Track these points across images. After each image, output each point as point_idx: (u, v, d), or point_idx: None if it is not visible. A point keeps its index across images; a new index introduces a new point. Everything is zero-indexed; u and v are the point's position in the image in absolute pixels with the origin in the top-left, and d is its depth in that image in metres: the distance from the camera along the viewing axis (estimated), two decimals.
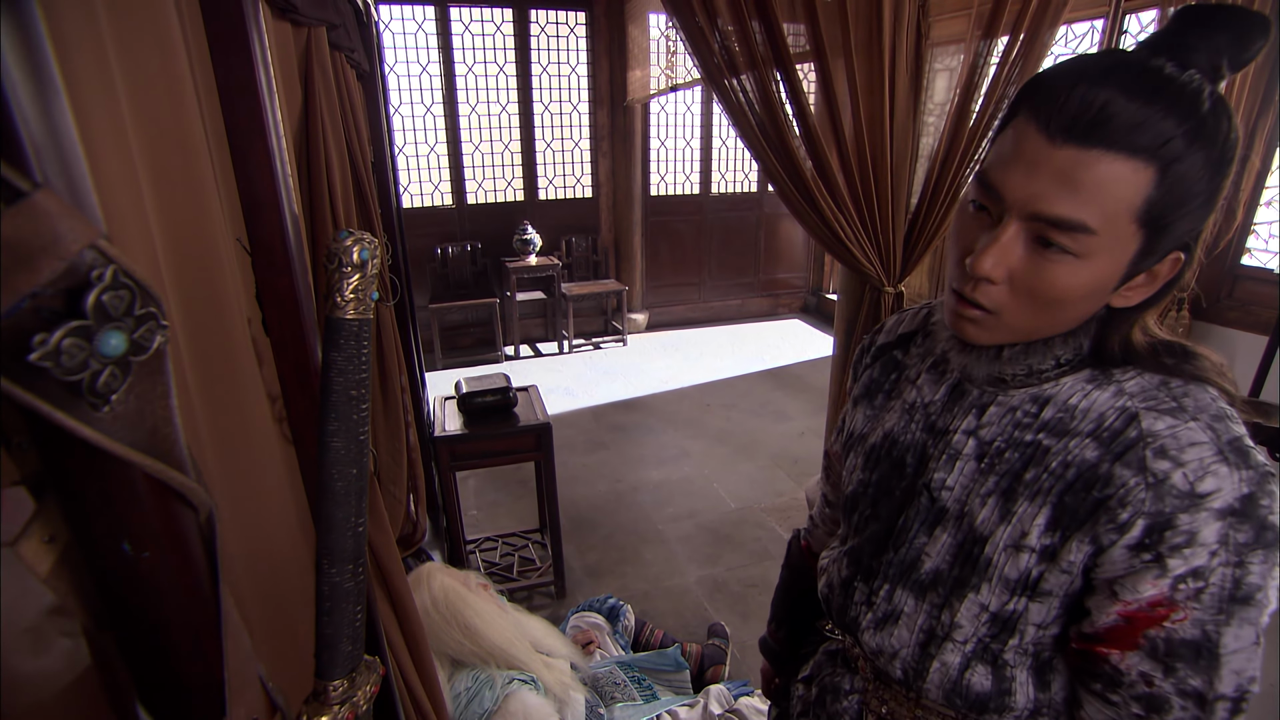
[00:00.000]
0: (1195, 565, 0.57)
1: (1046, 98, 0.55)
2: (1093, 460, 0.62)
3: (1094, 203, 0.54)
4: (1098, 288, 0.59)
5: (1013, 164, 0.57)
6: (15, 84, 0.27)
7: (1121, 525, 0.59)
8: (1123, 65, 0.53)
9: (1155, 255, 0.58)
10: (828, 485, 1.05)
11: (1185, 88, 0.52)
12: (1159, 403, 0.61)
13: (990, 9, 2.09)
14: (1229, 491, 0.56)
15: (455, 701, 1.56)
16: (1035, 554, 0.65)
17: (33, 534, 0.34)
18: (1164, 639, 0.59)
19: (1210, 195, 0.56)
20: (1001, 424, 0.69)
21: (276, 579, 0.68)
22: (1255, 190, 3.07)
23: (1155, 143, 0.52)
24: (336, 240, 0.39)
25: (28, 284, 0.26)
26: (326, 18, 1.21)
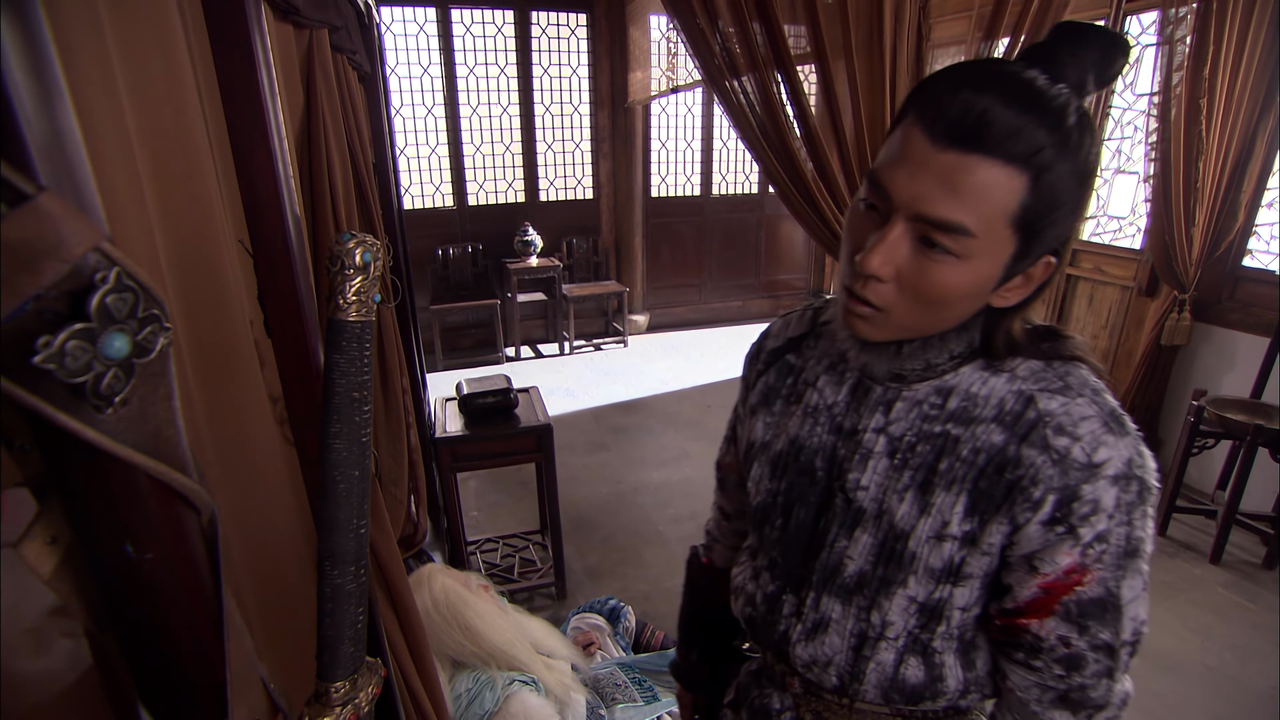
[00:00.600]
0: (1099, 530, 0.63)
1: (932, 102, 0.57)
2: (1000, 444, 0.65)
3: (973, 206, 0.56)
4: (978, 288, 0.62)
5: (899, 165, 0.59)
6: (19, 87, 0.27)
7: (1035, 503, 0.63)
8: (1002, 75, 0.56)
9: (1029, 258, 0.62)
10: (722, 498, 1.04)
11: (1055, 100, 0.55)
12: (1049, 383, 0.66)
13: (991, 11, 2.09)
14: (1118, 459, 0.62)
15: (456, 703, 1.56)
16: (957, 541, 0.68)
17: (35, 535, 0.34)
18: (1075, 602, 0.65)
19: (1076, 204, 0.60)
20: (910, 418, 0.71)
21: (278, 580, 0.68)
22: (1256, 192, 3.07)
23: (1028, 151, 0.55)
24: (339, 242, 0.39)
25: (32, 286, 0.26)
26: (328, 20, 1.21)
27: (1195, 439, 2.84)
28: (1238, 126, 2.92)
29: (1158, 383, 3.38)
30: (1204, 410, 2.78)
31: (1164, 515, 2.98)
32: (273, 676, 0.47)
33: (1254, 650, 2.33)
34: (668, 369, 5.10)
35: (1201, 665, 2.27)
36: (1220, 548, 2.78)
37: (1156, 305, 3.35)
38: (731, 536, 1.05)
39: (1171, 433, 3.40)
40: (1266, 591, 2.62)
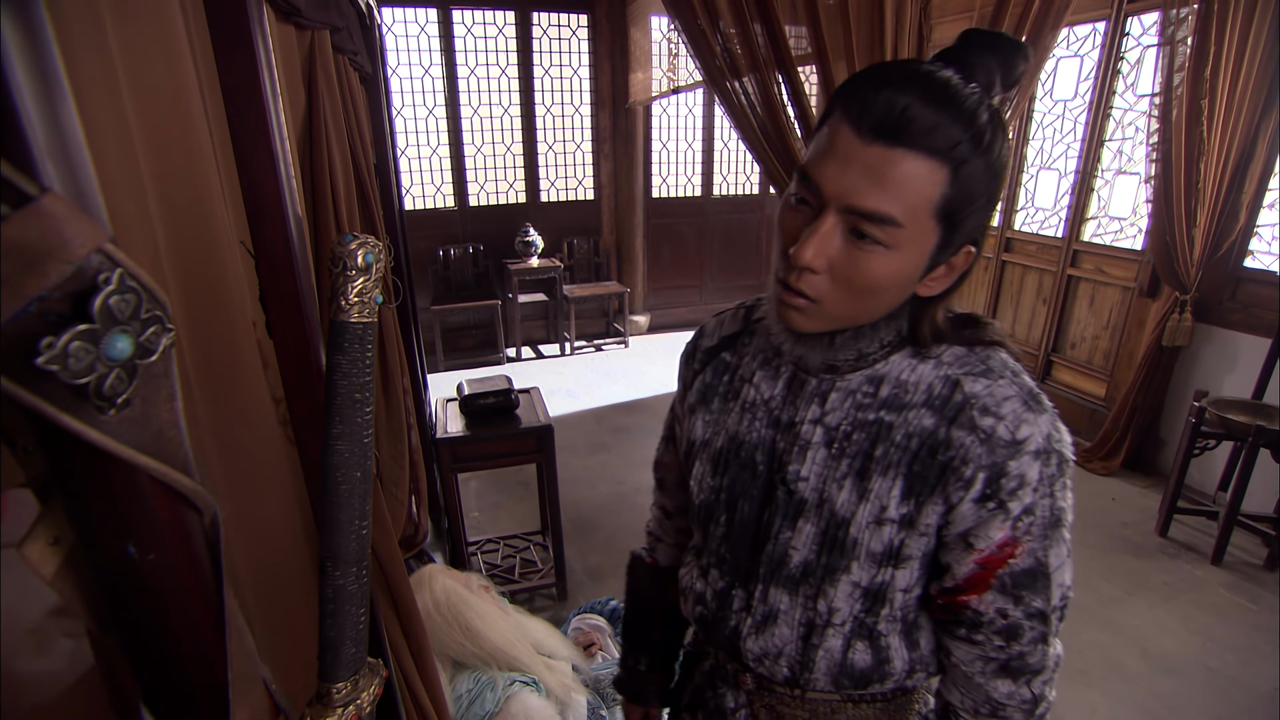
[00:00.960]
0: (1026, 503, 0.67)
1: (857, 101, 0.60)
2: (930, 427, 0.69)
3: (899, 197, 0.59)
4: (906, 277, 0.65)
5: (828, 159, 0.61)
6: (23, 88, 0.27)
7: (967, 481, 0.67)
8: (920, 75, 0.59)
9: (951, 248, 0.65)
10: (663, 497, 1.03)
11: (969, 99, 0.59)
12: (972, 367, 0.70)
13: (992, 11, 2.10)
14: (1039, 434, 0.66)
15: (457, 703, 1.56)
16: (896, 524, 0.71)
17: (38, 536, 0.34)
18: (1009, 574, 0.68)
19: (990, 197, 0.63)
20: (844, 408, 0.73)
21: (280, 581, 0.68)
22: (1258, 193, 3.07)
23: (947, 145, 0.58)
24: (341, 244, 0.39)
25: (35, 288, 0.26)
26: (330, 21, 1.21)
27: (1196, 440, 2.84)
28: (1239, 127, 2.92)
29: (1159, 384, 3.37)
30: (1205, 411, 2.78)
31: (1165, 516, 2.98)
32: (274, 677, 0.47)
33: (1255, 652, 2.33)
34: (669, 370, 5.10)
35: (1203, 667, 2.27)
36: (1222, 549, 2.78)
37: (1158, 306, 3.35)
38: (675, 534, 1.04)
39: (1173, 434, 3.39)
40: (1268, 593, 2.62)
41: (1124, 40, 3.53)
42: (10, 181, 0.25)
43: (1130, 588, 2.67)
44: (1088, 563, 2.81)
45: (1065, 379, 4.06)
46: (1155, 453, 3.52)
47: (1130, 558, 2.85)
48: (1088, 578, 2.72)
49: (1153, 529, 3.03)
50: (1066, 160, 3.96)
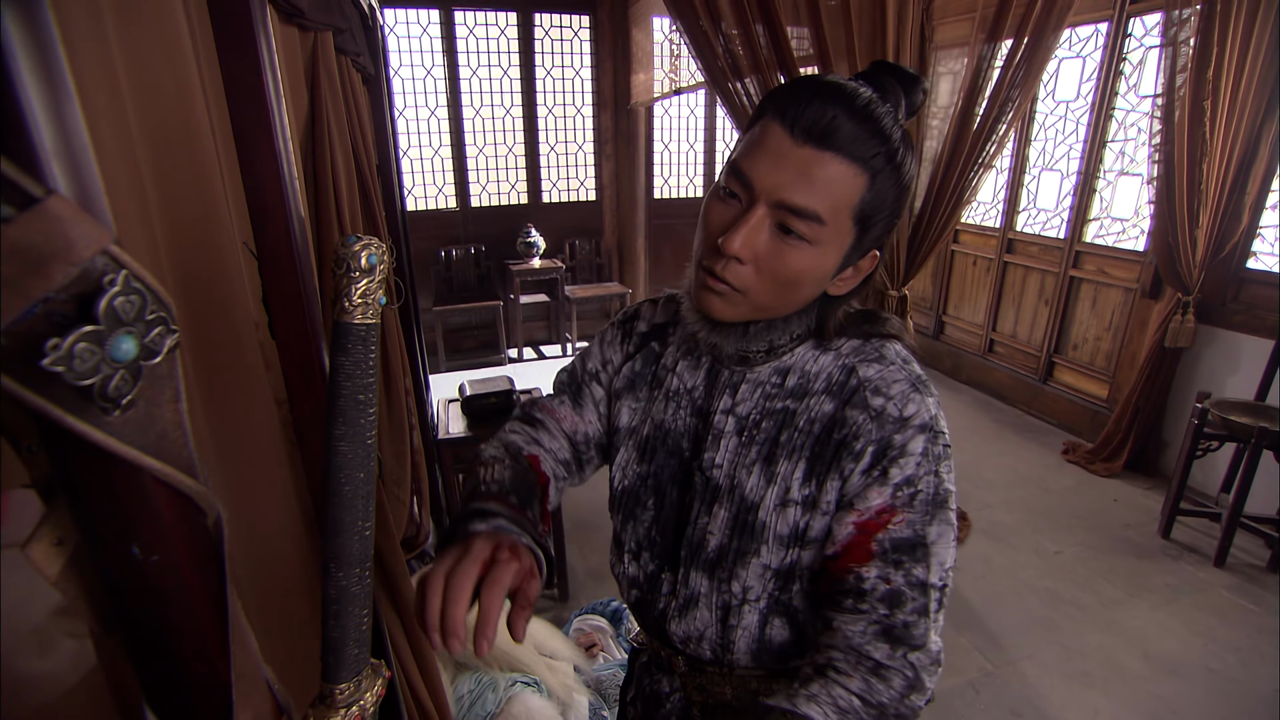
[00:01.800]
0: (908, 473, 0.70)
1: (790, 106, 0.65)
2: (830, 411, 0.74)
3: (825, 196, 0.64)
4: (823, 273, 0.70)
5: (762, 157, 0.66)
6: (28, 90, 0.27)
7: (857, 454, 0.71)
8: (848, 91, 0.65)
9: (860, 251, 0.71)
10: (531, 429, 0.91)
11: (886, 117, 0.65)
12: (866, 356, 0.76)
13: (994, 13, 2.10)
14: (924, 412, 0.71)
15: (458, 704, 1.56)
16: (799, 506, 0.74)
17: (42, 536, 0.34)
18: (889, 540, 0.70)
19: (896, 207, 0.69)
20: (754, 398, 0.78)
21: (283, 581, 0.68)
22: (1260, 194, 3.06)
23: (867, 154, 0.64)
24: (344, 245, 0.39)
25: (41, 289, 0.26)
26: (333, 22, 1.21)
27: (1199, 441, 2.84)
28: (1242, 128, 2.91)
29: (1161, 385, 3.37)
30: (1208, 413, 2.78)
31: (1168, 518, 2.97)
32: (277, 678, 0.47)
33: (1258, 653, 2.32)
34: None
35: (1205, 668, 2.26)
36: (1224, 551, 2.77)
37: (1160, 307, 3.34)
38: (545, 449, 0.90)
39: (1175, 435, 3.39)
40: (1270, 595, 2.61)
41: (1126, 41, 3.52)
42: (15, 183, 0.26)
43: (1132, 589, 2.66)
44: (1089, 564, 2.81)
45: (1067, 380, 4.06)
46: (1158, 454, 3.51)
47: (1132, 559, 2.85)
48: (1090, 579, 2.71)
49: (1155, 530, 3.02)
50: (1069, 161, 3.96)
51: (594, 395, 0.93)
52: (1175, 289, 3.22)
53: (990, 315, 4.55)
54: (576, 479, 0.95)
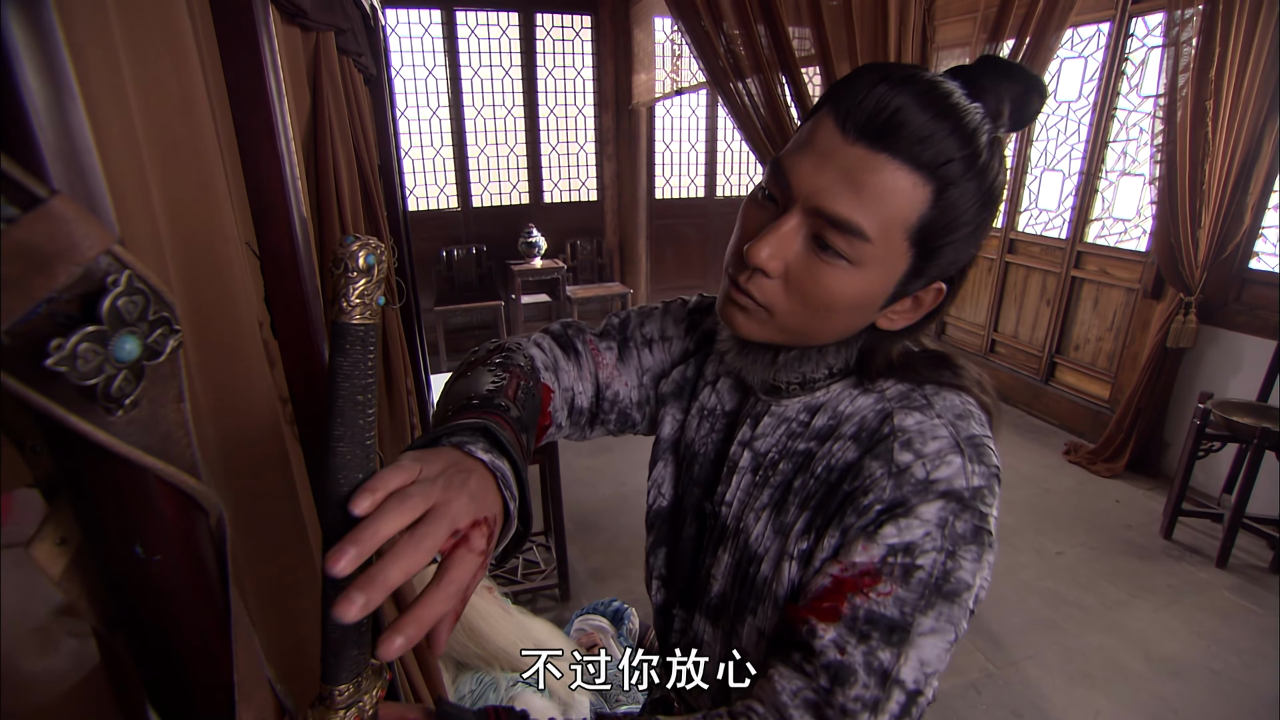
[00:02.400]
0: (908, 540, 0.56)
1: (848, 93, 0.54)
2: (851, 460, 0.61)
3: (873, 208, 0.54)
4: (866, 301, 0.58)
5: (805, 153, 0.56)
6: (33, 90, 0.27)
7: (861, 510, 0.58)
8: (920, 79, 0.54)
9: (922, 279, 0.59)
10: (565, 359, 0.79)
11: (970, 115, 0.54)
12: (910, 402, 0.62)
13: (996, 12, 2.09)
14: (958, 479, 0.57)
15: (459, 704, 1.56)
16: (795, 562, 0.63)
17: (46, 536, 0.34)
18: (865, 609, 0.56)
19: (977, 228, 0.57)
20: (776, 434, 0.67)
21: (286, 581, 0.68)
22: (1263, 194, 3.06)
23: (936, 160, 0.53)
24: (342, 245, 0.39)
25: (44, 289, 0.26)
26: (335, 22, 1.22)
27: (1201, 442, 2.83)
28: (1244, 128, 2.91)
29: (1163, 385, 3.36)
30: (1210, 413, 2.77)
31: (1169, 519, 2.97)
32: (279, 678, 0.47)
33: (1260, 654, 2.32)
34: None
35: (1207, 670, 2.26)
36: (1226, 551, 2.77)
37: (1162, 308, 3.34)
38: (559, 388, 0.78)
39: (1177, 436, 3.38)
40: (1273, 596, 2.61)
41: (1128, 41, 3.52)
42: (20, 184, 0.26)
43: (1134, 590, 2.66)
44: (1091, 564, 2.81)
45: (1069, 381, 4.06)
46: (1159, 455, 3.51)
47: (1134, 560, 2.85)
48: (1091, 579, 2.71)
49: (1157, 531, 3.02)
50: (1070, 161, 3.96)
51: (640, 361, 0.82)
52: (1177, 289, 3.21)
53: (992, 315, 4.55)
54: (577, 434, 0.83)
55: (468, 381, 0.64)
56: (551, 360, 0.77)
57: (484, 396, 0.60)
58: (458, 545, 0.43)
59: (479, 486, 0.46)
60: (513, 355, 0.70)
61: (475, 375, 0.65)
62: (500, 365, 0.66)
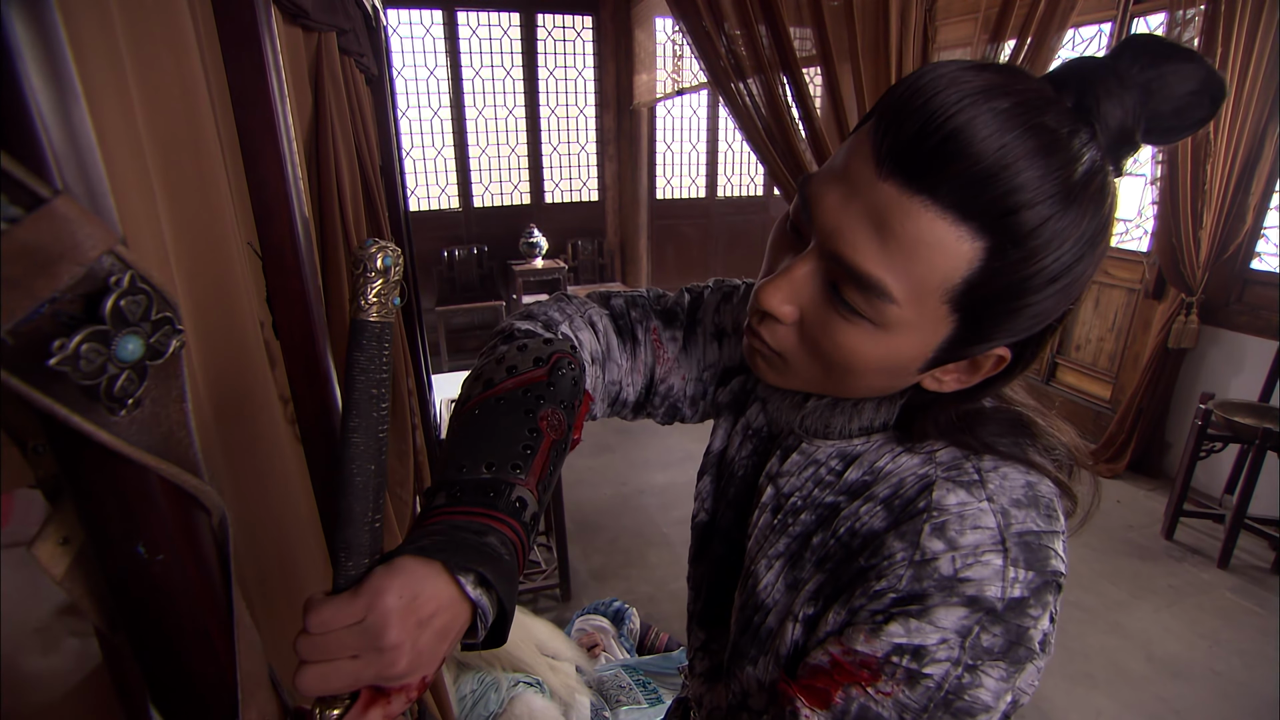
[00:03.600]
0: (917, 643, 0.47)
1: (895, 106, 0.43)
2: (877, 530, 0.52)
3: (901, 264, 0.43)
4: (895, 365, 0.49)
5: (834, 182, 0.46)
6: (36, 91, 0.27)
7: (873, 595, 0.50)
8: (999, 90, 0.40)
9: (976, 346, 0.48)
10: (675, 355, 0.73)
11: (1063, 144, 0.40)
12: (960, 475, 0.51)
13: (997, 13, 2.09)
14: (991, 585, 0.47)
15: (461, 704, 1.56)
16: (799, 624, 0.56)
17: (48, 535, 0.34)
18: (860, 705, 0.48)
19: (1064, 287, 0.44)
20: (803, 477, 0.59)
21: (289, 580, 0.68)
22: (1264, 194, 3.06)
23: (994, 210, 0.40)
24: (362, 248, 0.40)
25: (47, 289, 0.26)
26: (337, 23, 1.22)
27: (1203, 443, 2.83)
28: (1246, 128, 2.91)
29: (1165, 386, 3.36)
30: (1211, 414, 2.77)
31: (1171, 519, 2.97)
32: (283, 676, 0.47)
33: (1262, 655, 2.32)
34: None
35: (1209, 670, 2.26)
36: (1228, 552, 2.77)
37: (1163, 308, 3.33)
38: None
39: (1179, 436, 3.38)
40: (1274, 596, 2.61)
41: None
42: (23, 183, 0.26)
43: (1136, 591, 2.66)
44: (1092, 565, 2.80)
45: (1070, 381, 4.05)
46: (1161, 455, 3.50)
47: (1136, 560, 2.84)
48: (1093, 580, 2.71)
49: (1158, 532, 3.02)
50: None
51: (704, 354, 0.72)
52: (1179, 290, 3.21)
53: None
54: (615, 413, 0.74)
55: (496, 420, 0.52)
56: (603, 348, 0.68)
57: (502, 479, 0.48)
58: (372, 701, 0.41)
59: (434, 640, 0.41)
60: (560, 379, 0.55)
61: (509, 414, 0.52)
62: (543, 403, 0.53)
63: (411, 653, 0.39)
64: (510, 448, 0.50)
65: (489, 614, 0.44)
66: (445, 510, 0.46)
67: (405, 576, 0.40)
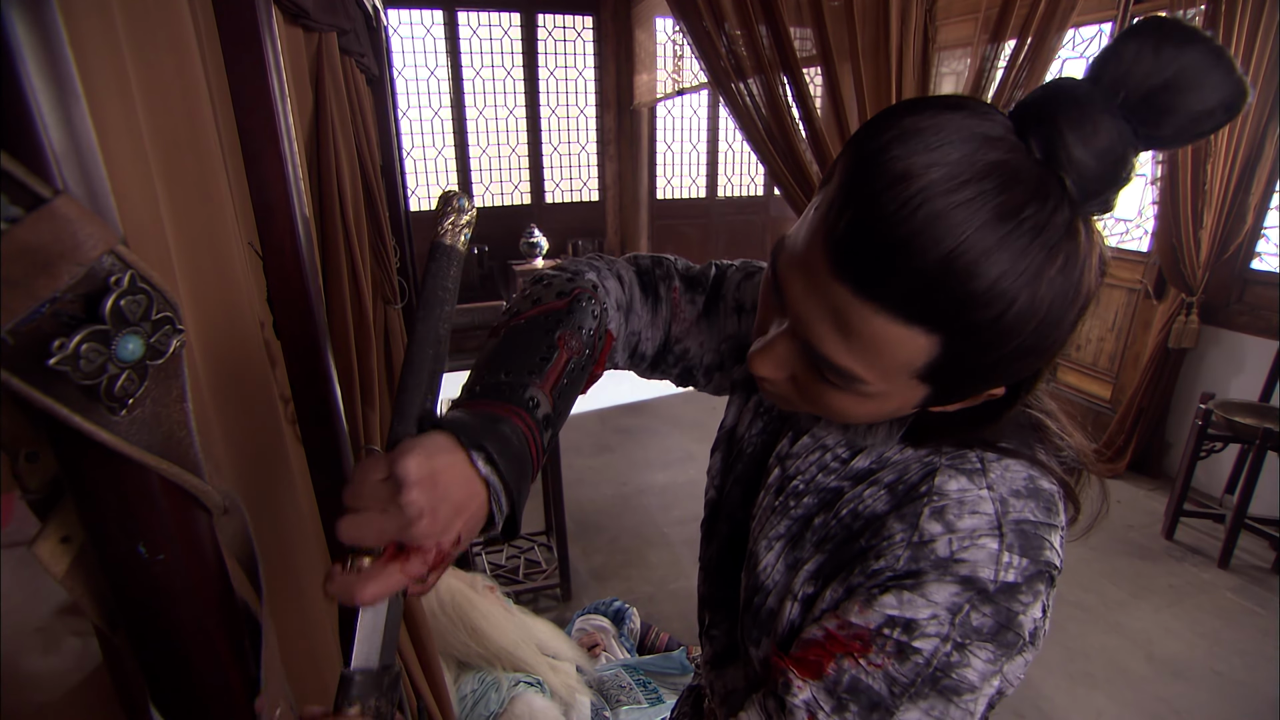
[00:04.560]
0: (909, 616, 0.49)
1: (846, 193, 0.42)
2: (880, 513, 0.54)
3: (865, 356, 0.45)
4: (886, 414, 0.51)
5: (797, 269, 0.46)
6: (37, 92, 0.27)
7: (870, 574, 0.52)
8: (960, 172, 0.39)
9: (955, 398, 0.49)
10: (695, 318, 0.75)
11: (1025, 229, 0.39)
12: (964, 461, 0.53)
13: (997, 13, 2.09)
14: (985, 568, 0.48)
15: (461, 704, 1.56)
16: (798, 603, 0.57)
17: (49, 534, 0.34)
18: (851, 676, 0.50)
19: (1040, 352, 0.44)
20: (808, 460, 0.60)
21: (288, 579, 0.68)
22: (1265, 194, 3.05)
23: (944, 315, 0.41)
24: (448, 192, 0.53)
25: (48, 289, 0.26)
26: (337, 23, 1.22)
27: (1203, 442, 2.83)
28: (1246, 128, 2.91)
29: (1165, 386, 3.36)
30: (1212, 414, 2.77)
31: (1171, 519, 2.97)
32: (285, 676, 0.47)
33: (1263, 655, 2.31)
34: None
35: (1210, 671, 2.26)
36: (1229, 552, 2.77)
37: (1164, 308, 3.33)
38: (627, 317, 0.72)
39: (1179, 436, 3.38)
40: (1275, 596, 2.61)
41: None
42: (24, 184, 0.26)
43: (1136, 590, 2.65)
44: (1093, 565, 2.80)
45: (1070, 381, 4.05)
46: (1161, 455, 3.50)
47: (1136, 560, 2.84)
48: (1093, 580, 2.71)
49: (1159, 532, 3.02)
50: None
51: (724, 325, 0.74)
52: (1179, 290, 3.21)
53: None
54: (633, 366, 0.76)
55: (516, 339, 0.57)
56: (627, 299, 0.71)
57: (518, 381, 0.53)
58: (392, 558, 0.44)
59: (450, 513, 0.44)
60: (579, 309, 0.59)
61: (528, 334, 0.57)
62: (560, 326, 0.58)
63: (430, 515, 0.42)
64: (527, 359, 0.55)
65: (500, 494, 0.47)
66: (462, 407, 0.51)
67: (426, 445, 0.44)
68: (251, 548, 0.45)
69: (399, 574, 0.43)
